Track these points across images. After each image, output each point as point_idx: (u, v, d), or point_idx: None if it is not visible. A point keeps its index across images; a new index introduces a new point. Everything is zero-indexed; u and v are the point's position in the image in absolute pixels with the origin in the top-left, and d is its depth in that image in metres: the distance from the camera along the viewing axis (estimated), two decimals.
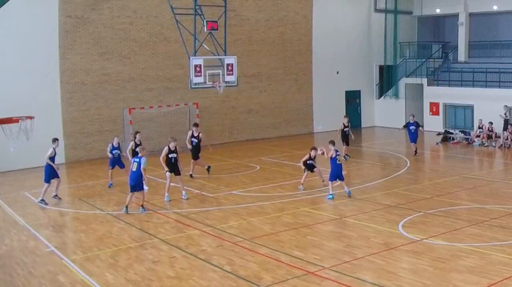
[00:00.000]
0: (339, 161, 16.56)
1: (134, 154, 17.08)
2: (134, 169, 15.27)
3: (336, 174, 16.51)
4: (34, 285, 10.61)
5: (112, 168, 18.80)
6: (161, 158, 16.88)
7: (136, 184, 15.35)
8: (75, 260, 11.82)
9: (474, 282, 9.72)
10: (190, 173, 19.89)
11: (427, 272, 10.32)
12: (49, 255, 12.36)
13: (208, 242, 12.82)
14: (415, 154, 23.38)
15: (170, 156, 16.81)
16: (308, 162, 17.95)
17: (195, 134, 19.92)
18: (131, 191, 15.47)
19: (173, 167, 16.85)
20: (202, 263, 11.43)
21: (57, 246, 12.88)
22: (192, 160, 19.97)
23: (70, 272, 11.16)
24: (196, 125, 20.75)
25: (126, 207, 15.48)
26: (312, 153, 17.88)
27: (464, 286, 9.61)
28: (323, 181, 17.81)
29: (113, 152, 18.67)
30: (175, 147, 16.90)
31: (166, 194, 16.97)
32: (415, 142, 23.73)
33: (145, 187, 16.23)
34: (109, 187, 18.86)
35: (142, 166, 15.12)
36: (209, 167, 20.14)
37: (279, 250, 11.95)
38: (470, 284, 9.66)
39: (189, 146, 19.91)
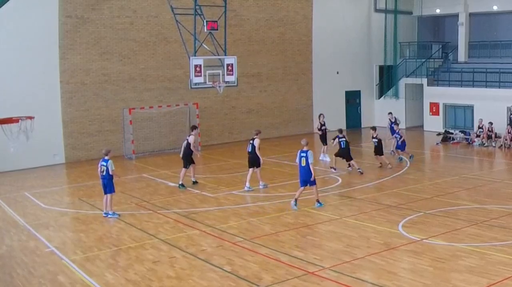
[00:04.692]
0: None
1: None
2: (303, 164, 15.06)
3: None
4: (34, 285, 10.61)
5: None
6: (258, 151, 17.67)
7: (308, 179, 15.13)
8: (75, 260, 11.82)
9: (474, 282, 9.72)
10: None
11: (427, 272, 10.32)
12: (49, 255, 12.36)
13: (208, 242, 12.82)
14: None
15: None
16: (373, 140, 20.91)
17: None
18: (302, 186, 15.30)
19: None
20: (202, 263, 11.42)
21: (57, 246, 12.88)
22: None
23: (70, 272, 11.16)
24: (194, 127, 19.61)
25: (296, 201, 15.39)
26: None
27: (464, 286, 9.61)
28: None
29: None
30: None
31: (248, 184, 17.87)
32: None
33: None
34: None
35: (309, 160, 14.97)
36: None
37: (279, 250, 11.95)
38: (470, 284, 9.66)
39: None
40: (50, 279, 10.82)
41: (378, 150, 21.23)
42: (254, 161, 17.84)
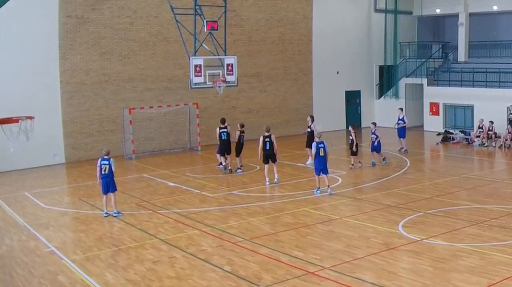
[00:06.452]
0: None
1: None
2: (321, 154, 16.73)
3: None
4: (34, 285, 10.61)
5: None
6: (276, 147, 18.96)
7: (325, 167, 16.82)
8: (75, 260, 11.82)
9: (474, 282, 9.72)
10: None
11: (427, 272, 10.31)
12: (49, 255, 12.36)
13: (208, 242, 12.82)
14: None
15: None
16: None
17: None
18: (318, 174, 16.92)
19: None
20: (202, 263, 11.42)
21: (57, 246, 12.88)
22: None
23: (70, 272, 11.16)
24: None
25: (319, 188, 16.99)
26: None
27: (464, 286, 9.61)
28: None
29: None
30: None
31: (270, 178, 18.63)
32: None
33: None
34: None
35: (326, 150, 16.92)
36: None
37: (279, 250, 11.95)
38: (470, 284, 9.65)
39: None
40: (50, 279, 10.82)
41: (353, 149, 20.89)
42: (272, 157, 18.71)
